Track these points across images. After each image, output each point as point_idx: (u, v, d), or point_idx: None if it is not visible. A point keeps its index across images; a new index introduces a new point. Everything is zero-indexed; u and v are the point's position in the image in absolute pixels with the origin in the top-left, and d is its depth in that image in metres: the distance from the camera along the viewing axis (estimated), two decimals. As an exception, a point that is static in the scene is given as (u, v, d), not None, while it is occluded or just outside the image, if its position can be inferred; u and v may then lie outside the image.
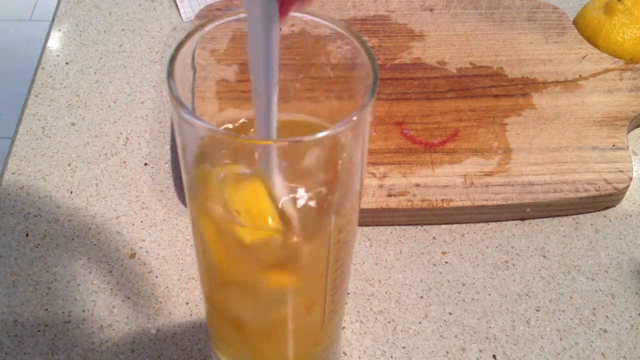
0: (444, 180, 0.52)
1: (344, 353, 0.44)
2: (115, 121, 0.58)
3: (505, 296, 0.47)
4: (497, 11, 0.67)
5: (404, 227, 0.51)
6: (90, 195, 0.52)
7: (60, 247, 0.48)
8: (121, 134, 0.57)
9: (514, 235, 0.51)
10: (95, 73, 0.62)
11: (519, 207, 0.51)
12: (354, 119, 0.25)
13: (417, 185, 0.52)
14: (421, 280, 0.48)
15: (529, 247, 0.50)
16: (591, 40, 0.64)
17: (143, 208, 0.51)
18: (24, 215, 0.50)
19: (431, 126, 0.56)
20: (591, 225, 0.52)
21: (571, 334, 0.45)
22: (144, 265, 0.48)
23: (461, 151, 0.54)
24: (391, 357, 0.44)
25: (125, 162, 0.54)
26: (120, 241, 0.49)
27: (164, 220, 0.51)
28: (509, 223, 0.52)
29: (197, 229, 0.31)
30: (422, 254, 0.50)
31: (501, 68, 0.61)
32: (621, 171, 0.53)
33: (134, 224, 0.50)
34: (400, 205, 0.50)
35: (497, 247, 0.50)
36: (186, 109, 0.24)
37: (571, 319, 0.46)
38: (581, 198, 0.51)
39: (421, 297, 0.47)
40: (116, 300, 0.46)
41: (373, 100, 0.26)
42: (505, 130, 0.56)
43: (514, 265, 0.49)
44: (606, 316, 0.46)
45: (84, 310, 0.45)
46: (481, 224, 0.52)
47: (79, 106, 0.59)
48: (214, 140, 0.26)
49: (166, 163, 0.55)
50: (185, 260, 0.48)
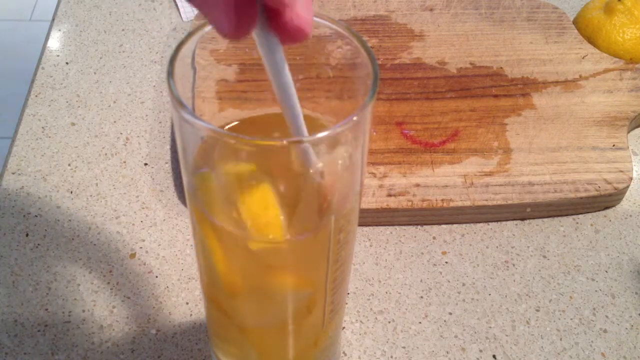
0: (444, 180, 0.52)
1: (344, 353, 0.44)
2: (115, 121, 0.58)
3: (505, 296, 0.47)
4: (497, 11, 0.67)
5: (404, 227, 0.51)
6: (90, 195, 0.52)
7: (60, 247, 0.48)
8: (121, 134, 0.57)
9: (514, 235, 0.51)
10: (95, 73, 0.62)
11: (519, 207, 0.51)
12: (354, 119, 0.25)
13: (417, 185, 0.52)
14: (421, 280, 0.48)
15: (529, 247, 0.50)
16: (591, 40, 0.64)
17: (143, 208, 0.51)
18: (24, 215, 0.50)
19: (431, 126, 0.56)
20: (591, 225, 0.52)
21: (571, 334, 0.45)
22: (144, 265, 0.48)
23: (461, 151, 0.54)
24: (391, 357, 0.44)
25: (125, 162, 0.54)
26: (120, 241, 0.49)
27: (164, 220, 0.51)
28: (509, 223, 0.52)
29: (197, 230, 0.31)
30: (422, 254, 0.50)
31: (501, 68, 0.61)
32: (621, 171, 0.53)
33: (134, 224, 0.50)
34: (400, 205, 0.50)
35: (497, 247, 0.50)
36: (186, 109, 0.24)
37: (571, 319, 0.46)
38: (581, 198, 0.51)
39: (421, 297, 0.47)
40: (116, 300, 0.46)
41: (373, 100, 0.26)
42: (505, 130, 0.56)
43: (514, 265, 0.49)
44: (606, 316, 0.46)
45: (84, 310, 0.45)
46: (481, 224, 0.52)
47: (79, 106, 0.59)
48: (214, 140, 0.26)
49: (166, 163, 0.55)
50: (185, 260, 0.48)
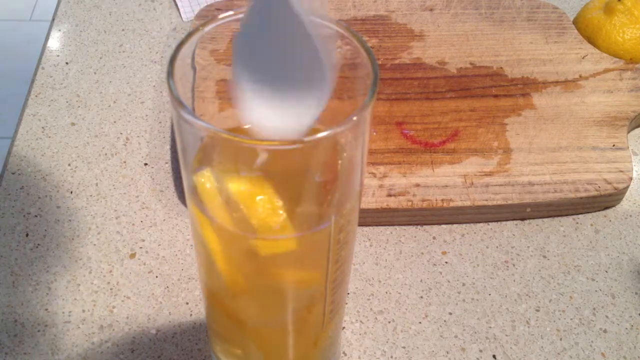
0: (444, 180, 0.52)
1: (343, 353, 0.44)
2: (115, 121, 0.58)
3: (505, 296, 0.47)
4: (497, 11, 0.67)
5: (404, 227, 0.51)
6: (90, 195, 0.52)
7: (60, 247, 0.48)
8: (121, 134, 0.57)
9: (514, 235, 0.51)
10: (95, 73, 0.62)
11: (519, 207, 0.51)
12: (354, 119, 0.25)
13: (417, 185, 0.52)
14: (421, 280, 0.48)
15: (529, 247, 0.50)
16: (591, 40, 0.64)
17: (143, 208, 0.51)
18: (24, 215, 0.50)
19: (431, 126, 0.56)
20: (591, 225, 0.52)
21: (571, 334, 0.45)
22: (144, 265, 0.48)
23: (461, 151, 0.54)
24: (391, 357, 0.44)
25: (125, 162, 0.54)
26: (120, 241, 0.49)
27: (164, 220, 0.51)
28: (509, 223, 0.52)
29: (197, 230, 0.31)
30: (422, 254, 0.50)
31: (501, 68, 0.61)
32: (621, 171, 0.53)
33: (134, 224, 0.50)
34: (400, 205, 0.50)
35: (497, 247, 0.50)
36: (186, 109, 0.24)
37: (571, 319, 0.46)
38: (581, 198, 0.51)
39: (421, 297, 0.47)
40: (116, 300, 0.46)
41: (373, 100, 0.26)
42: (505, 130, 0.56)
43: (514, 265, 0.49)
44: (606, 316, 0.46)
45: (84, 310, 0.45)
46: (481, 224, 0.52)
47: (79, 106, 0.59)
48: (214, 140, 0.26)
49: (166, 163, 0.55)
50: (185, 260, 0.48)
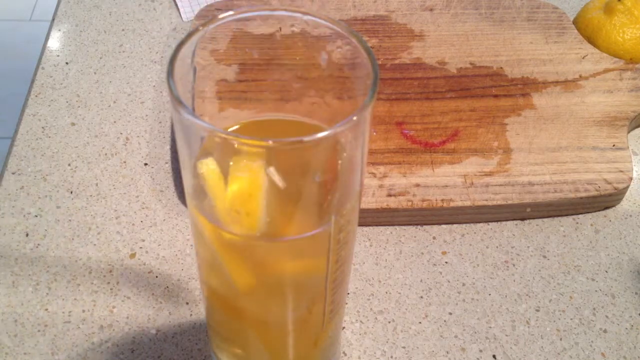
0: (444, 180, 0.52)
1: (343, 353, 0.44)
2: (115, 121, 0.58)
3: (505, 296, 0.47)
4: (497, 11, 0.67)
5: (404, 227, 0.51)
6: (90, 195, 0.52)
7: (60, 247, 0.48)
8: (121, 134, 0.57)
9: (514, 235, 0.51)
10: (95, 73, 0.62)
11: (519, 207, 0.51)
12: (354, 119, 0.25)
13: (417, 185, 0.52)
14: (421, 280, 0.48)
15: (529, 247, 0.50)
16: (591, 40, 0.64)
17: (143, 208, 0.51)
18: (24, 215, 0.50)
19: (431, 126, 0.56)
20: (591, 225, 0.52)
21: (571, 334, 0.45)
22: (144, 265, 0.48)
23: (461, 151, 0.54)
24: (391, 357, 0.44)
25: (125, 162, 0.54)
26: (120, 241, 0.49)
27: (164, 220, 0.51)
28: (509, 223, 0.52)
29: (197, 230, 0.31)
30: (422, 254, 0.50)
31: (501, 68, 0.61)
32: (621, 171, 0.53)
33: (134, 224, 0.50)
34: (400, 205, 0.50)
35: (497, 247, 0.50)
36: (186, 109, 0.24)
37: (571, 319, 0.46)
38: (581, 198, 0.51)
39: (421, 297, 0.47)
40: (116, 300, 0.46)
41: (373, 100, 0.26)
42: (505, 130, 0.56)
43: (514, 265, 0.49)
44: (606, 316, 0.46)
45: (84, 310, 0.45)
46: (481, 224, 0.52)
47: (79, 106, 0.59)
48: (214, 140, 0.26)
49: (166, 163, 0.55)
50: (185, 260, 0.48)
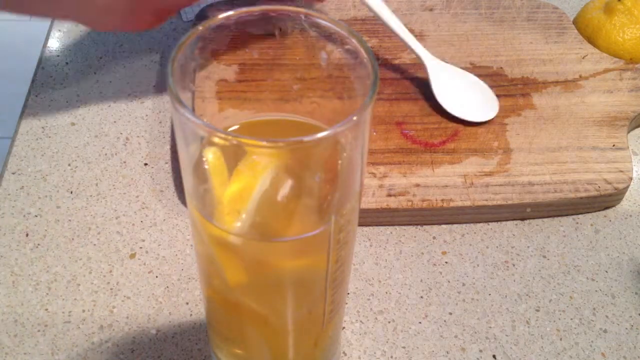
0: (444, 180, 0.52)
1: (343, 353, 0.44)
2: (115, 121, 0.58)
3: (505, 296, 0.47)
4: (497, 11, 0.67)
5: (404, 227, 0.51)
6: (90, 195, 0.52)
7: (60, 247, 0.48)
8: (121, 134, 0.57)
9: (514, 235, 0.51)
10: (95, 73, 0.62)
11: (519, 207, 0.51)
12: (354, 119, 0.25)
13: (417, 185, 0.52)
14: (421, 280, 0.48)
15: (529, 247, 0.50)
16: (591, 40, 0.64)
17: (143, 208, 0.51)
18: (24, 215, 0.50)
19: (431, 126, 0.56)
20: (591, 225, 0.52)
21: (571, 334, 0.45)
22: (144, 265, 0.48)
23: (461, 151, 0.54)
24: (391, 357, 0.44)
25: (125, 162, 0.54)
26: (120, 241, 0.49)
27: (164, 220, 0.51)
28: (509, 223, 0.52)
29: (197, 229, 0.31)
30: (422, 254, 0.50)
31: (501, 68, 0.61)
32: (621, 171, 0.53)
33: (134, 224, 0.50)
34: (400, 205, 0.50)
35: (497, 247, 0.50)
36: (186, 109, 0.24)
37: (571, 319, 0.46)
38: (581, 198, 0.51)
39: (421, 297, 0.47)
40: (116, 300, 0.46)
41: (373, 100, 0.26)
42: (505, 130, 0.56)
43: (514, 265, 0.49)
44: (606, 316, 0.46)
45: (84, 310, 0.45)
46: (481, 224, 0.52)
47: (79, 106, 0.59)
48: (215, 140, 0.26)
49: (166, 163, 0.55)
50: (185, 260, 0.48)
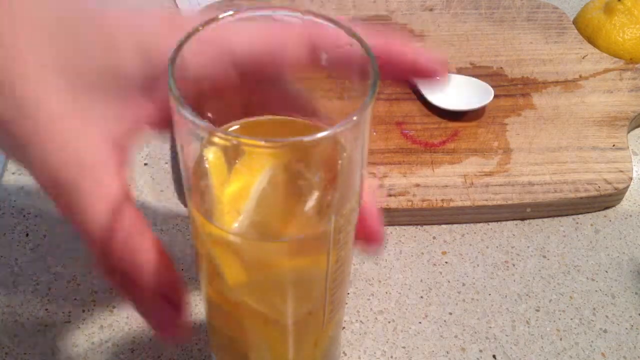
0: (444, 180, 0.52)
1: (343, 353, 0.44)
2: (115, 121, 0.58)
3: (505, 296, 0.47)
4: (497, 11, 0.67)
5: (404, 227, 0.51)
6: (90, 195, 0.52)
7: (60, 247, 0.48)
8: (121, 134, 0.57)
9: (514, 235, 0.51)
10: (95, 73, 0.62)
11: (519, 207, 0.51)
12: (354, 119, 0.25)
13: (417, 185, 0.52)
14: (421, 280, 0.48)
15: (529, 247, 0.50)
16: (591, 40, 0.64)
17: (143, 208, 0.51)
18: (24, 215, 0.50)
19: (431, 126, 0.56)
20: (591, 225, 0.52)
21: (571, 334, 0.45)
22: (144, 265, 0.48)
23: (461, 151, 0.54)
24: (391, 357, 0.44)
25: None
26: (120, 241, 0.49)
27: (164, 220, 0.51)
28: (509, 223, 0.52)
29: (196, 229, 0.31)
30: (422, 254, 0.50)
31: (501, 68, 0.61)
32: (621, 171, 0.53)
33: (134, 224, 0.50)
34: (400, 205, 0.50)
35: (497, 247, 0.50)
36: (187, 109, 0.24)
37: (571, 319, 0.46)
38: (581, 198, 0.51)
39: (421, 297, 0.47)
40: (116, 300, 0.46)
41: (373, 100, 0.26)
42: (505, 130, 0.56)
43: (514, 265, 0.49)
44: (606, 316, 0.46)
45: (84, 310, 0.45)
46: (481, 224, 0.52)
47: (79, 106, 0.59)
48: (214, 140, 0.26)
49: (166, 163, 0.55)
50: (185, 260, 0.48)
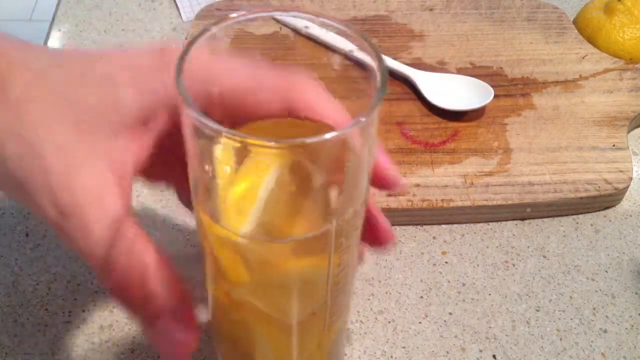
0: (444, 180, 0.52)
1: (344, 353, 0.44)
2: (114, 120, 0.57)
3: (505, 296, 0.47)
4: (497, 11, 0.67)
5: (404, 227, 0.51)
6: (90, 195, 0.52)
7: (60, 247, 0.48)
8: (121, 133, 0.56)
9: (514, 235, 0.51)
10: (94, 72, 0.62)
11: (519, 207, 0.51)
12: (362, 120, 0.25)
13: (417, 185, 0.52)
14: (421, 280, 0.48)
15: (529, 247, 0.50)
16: (591, 40, 0.64)
17: (143, 208, 0.51)
18: (24, 215, 0.50)
19: (431, 126, 0.56)
20: (591, 225, 0.52)
21: (571, 334, 0.45)
22: (144, 265, 0.48)
23: (461, 151, 0.54)
24: (391, 357, 0.44)
25: (125, 162, 0.54)
26: (120, 241, 0.49)
27: (164, 220, 0.50)
28: (509, 223, 0.52)
29: (203, 230, 0.30)
30: (422, 254, 0.50)
31: (501, 68, 0.62)
32: (621, 171, 0.53)
33: (134, 224, 0.50)
34: (400, 205, 0.50)
35: (497, 247, 0.50)
36: (193, 108, 0.24)
37: (571, 319, 0.46)
38: (581, 198, 0.51)
39: (421, 297, 0.47)
40: (116, 300, 0.46)
41: (381, 102, 0.26)
42: (505, 130, 0.56)
43: (514, 265, 0.49)
44: (606, 316, 0.46)
45: (84, 310, 0.45)
46: (481, 224, 0.52)
47: (78, 105, 0.58)
48: (221, 139, 0.26)
49: (166, 162, 0.54)
50: (186, 260, 0.48)
